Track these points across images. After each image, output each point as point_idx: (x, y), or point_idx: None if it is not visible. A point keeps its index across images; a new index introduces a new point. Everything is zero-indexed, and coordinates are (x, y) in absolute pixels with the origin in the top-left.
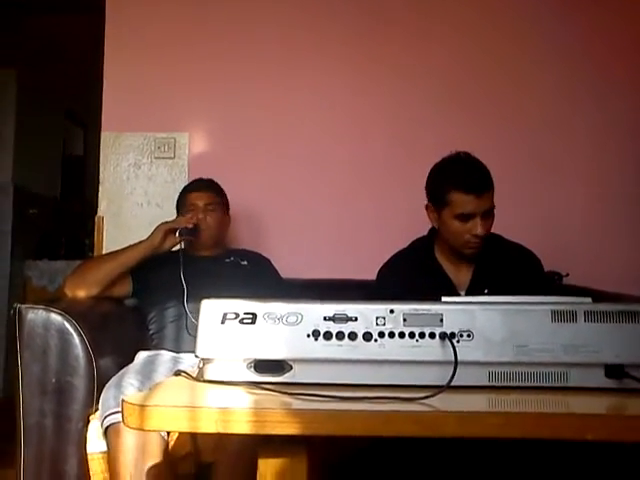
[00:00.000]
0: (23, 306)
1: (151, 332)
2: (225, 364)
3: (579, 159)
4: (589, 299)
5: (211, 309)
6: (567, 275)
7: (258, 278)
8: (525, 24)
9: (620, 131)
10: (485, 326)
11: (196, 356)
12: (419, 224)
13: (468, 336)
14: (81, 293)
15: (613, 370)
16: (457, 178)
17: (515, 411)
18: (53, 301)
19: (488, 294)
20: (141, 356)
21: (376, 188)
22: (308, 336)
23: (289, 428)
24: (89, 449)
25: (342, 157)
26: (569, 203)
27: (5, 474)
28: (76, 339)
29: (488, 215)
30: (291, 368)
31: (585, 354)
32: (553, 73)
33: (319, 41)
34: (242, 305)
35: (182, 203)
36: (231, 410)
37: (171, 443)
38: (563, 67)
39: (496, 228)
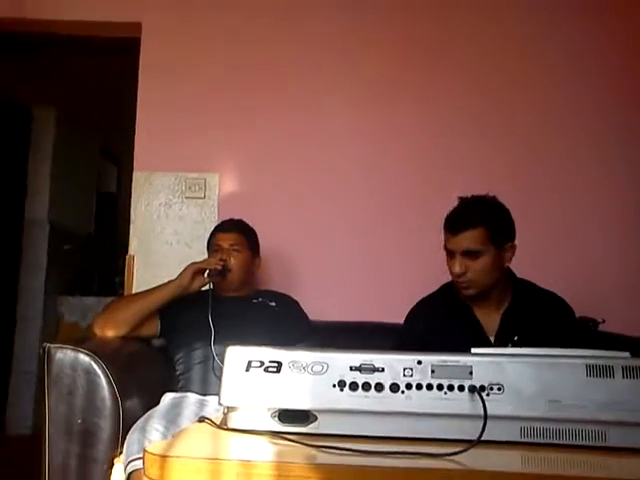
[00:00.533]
0: (52, 345)
1: (178, 373)
2: (249, 413)
3: (615, 200)
4: (627, 353)
5: (236, 356)
6: (603, 321)
7: (286, 320)
8: (548, 51)
9: None
10: (516, 379)
11: (220, 404)
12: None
13: (498, 389)
14: (110, 333)
15: None
16: (448, 215)
17: (550, 473)
18: (82, 341)
19: (517, 341)
20: (167, 398)
21: (407, 229)
22: (334, 386)
23: None
24: None
25: (372, 197)
26: (605, 246)
27: None
28: (103, 380)
29: (471, 256)
30: (316, 419)
31: (623, 412)
32: (577, 105)
33: (344, 80)
34: (267, 353)
35: (210, 243)
36: (253, 463)
37: None
38: (580, 91)
39: (530, 273)
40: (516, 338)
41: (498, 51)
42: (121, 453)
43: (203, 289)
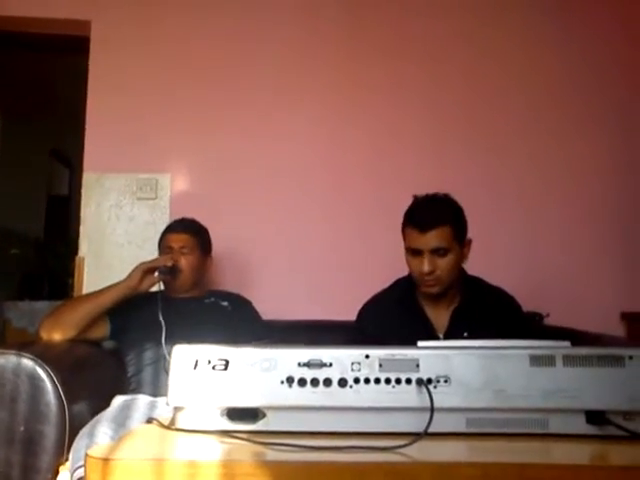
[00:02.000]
0: None
1: (129, 375)
2: (197, 412)
3: (559, 198)
4: (567, 343)
5: (183, 355)
6: (548, 315)
7: (238, 320)
8: (517, 57)
9: (602, 169)
10: (462, 371)
11: (167, 404)
12: (401, 267)
13: (445, 381)
14: (57, 336)
15: (594, 416)
16: (410, 213)
17: (494, 461)
18: (26, 346)
19: (467, 337)
20: (117, 401)
21: (358, 229)
22: (282, 383)
23: None
24: None
25: (323, 198)
26: (550, 242)
27: None
28: (48, 385)
29: (440, 254)
30: (265, 416)
31: (565, 399)
32: (541, 109)
33: (299, 77)
34: (215, 351)
35: (161, 244)
36: (200, 463)
37: None
38: (550, 103)
39: (477, 268)
40: (466, 334)
41: (465, 55)
42: (67, 460)
43: (153, 289)
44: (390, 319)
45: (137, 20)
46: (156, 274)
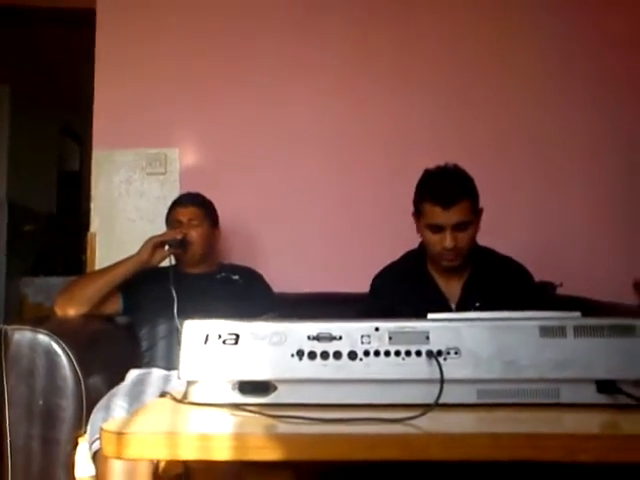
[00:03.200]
0: (9, 327)
1: (142, 349)
2: (209, 386)
3: (575, 167)
4: (578, 313)
5: (194, 330)
6: (561, 285)
7: (250, 293)
8: (529, 33)
9: (618, 138)
10: (472, 343)
11: (179, 378)
12: (409, 235)
13: (455, 353)
14: (71, 311)
15: (605, 386)
16: (428, 188)
17: (504, 432)
18: (41, 321)
19: (479, 307)
20: (132, 375)
21: (368, 200)
22: (292, 356)
23: (271, 454)
24: (77, 473)
25: (334, 170)
26: (563, 211)
27: None
28: (63, 360)
29: (461, 228)
30: (275, 389)
31: (575, 370)
32: (556, 78)
33: (310, 54)
34: (225, 325)
35: (169, 218)
36: (212, 436)
37: (161, 465)
38: (566, 74)
39: (490, 238)
40: (478, 305)
41: (475, 32)
42: (85, 432)
43: (165, 264)
44: (402, 290)
45: None
46: (166, 247)
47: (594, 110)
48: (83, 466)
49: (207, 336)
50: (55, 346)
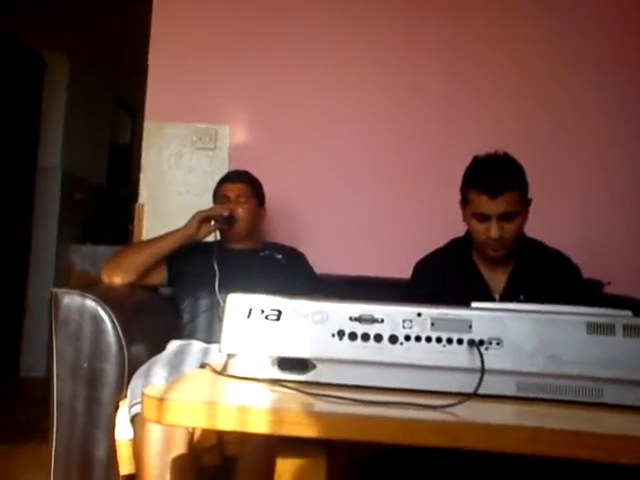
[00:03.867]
0: (59, 290)
1: (184, 321)
2: (249, 360)
3: (626, 161)
4: (629, 312)
5: (237, 304)
6: (609, 284)
7: (292, 273)
8: (546, 34)
9: None
10: (515, 334)
11: (220, 351)
12: (458, 223)
13: (497, 344)
14: (117, 280)
15: None
16: (475, 177)
17: (544, 426)
18: (89, 287)
19: (523, 300)
20: (172, 345)
21: (414, 184)
22: (333, 336)
23: (307, 430)
24: (117, 435)
25: (380, 153)
26: (613, 208)
27: (41, 449)
28: (109, 326)
29: (508, 218)
30: (314, 367)
31: (621, 370)
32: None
33: (358, 44)
34: (268, 301)
35: (217, 194)
36: (249, 408)
37: (196, 435)
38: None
39: (536, 231)
40: (522, 297)
41: (499, 31)
42: (126, 396)
43: (210, 239)
44: (446, 277)
45: None
46: (212, 223)
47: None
48: (123, 428)
49: (250, 310)
50: (101, 312)
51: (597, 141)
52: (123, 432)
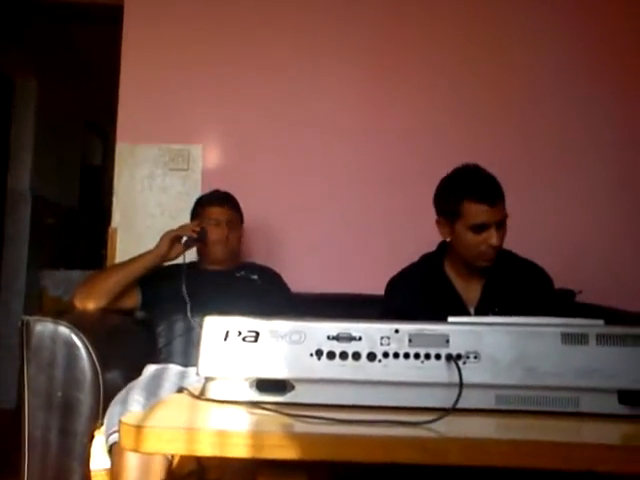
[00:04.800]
0: (31, 318)
1: (160, 345)
2: (227, 383)
3: (597, 167)
4: (601, 321)
5: (214, 326)
6: (580, 292)
7: (268, 293)
8: (543, 42)
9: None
10: (492, 348)
11: (197, 374)
12: (429, 237)
13: (475, 358)
14: (90, 305)
15: (627, 396)
16: (470, 188)
17: (523, 439)
18: (62, 313)
19: (498, 312)
20: (149, 370)
21: (388, 203)
22: (311, 355)
23: (287, 452)
24: (93, 466)
25: (354, 171)
26: (585, 220)
27: None
28: (83, 352)
29: (502, 225)
30: (293, 388)
31: (597, 379)
32: (567, 81)
33: (334, 51)
34: (245, 323)
35: (201, 215)
36: (229, 432)
37: (175, 461)
38: (579, 74)
39: (508, 243)
40: (497, 309)
41: (494, 40)
42: (102, 425)
43: (180, 261)
44: (420, 293)
45: None
46: (183, 241)
47: (620, 115)
48: (98, 459)
49: (227, 332)
50: (75, 339)
51: (571, 153)
52: (99, 462)
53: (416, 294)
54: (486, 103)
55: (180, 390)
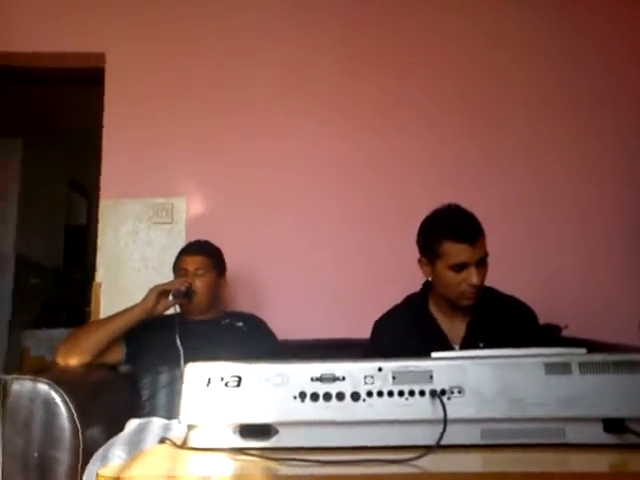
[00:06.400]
0: (9, 377)
1: (144, 399)
2: (210, 430)
3: (576, 207)
4: (583, 350)
5: (196, 373)
6: (566, 327)
7: (254, 340)
8: (516, 71)
9: (619, 176)
10: (476, 381)
11: (179, 422)
12: (414, 279)
13: (459, 392)
14: (73, 361)
15: (612, 424)
16: (449, 228)
17: (510, 471)
18: (41, 371)
19: (483, 348)
20: (131, 425)
21: (371, 247)
22: (295, 398)
23: None
24: None
25: (337, 216)
26: (568, 253)
27: None
28: (62, 409)
29: (482, 263)
30: (277, 432)
31: (582, 408)
32: (539, 116)
33: (310, 98)
34: (227, 368)
35: (176, 266)
36: (212, 479)
37: None
38: (551, 108)
39: (493, 281)
40: (481, 345)
41: (464, 73)
42: None
43: (169, 312)
44: (404, 334)
45: (150, 50)
46: (171, 297)
47: (592, 151)
48: None
49: (209, 379)
50: (54, 395)
51: (549, 192)
52: None
53: (402, 334)
54: (470, 148)
55: (162, 441)
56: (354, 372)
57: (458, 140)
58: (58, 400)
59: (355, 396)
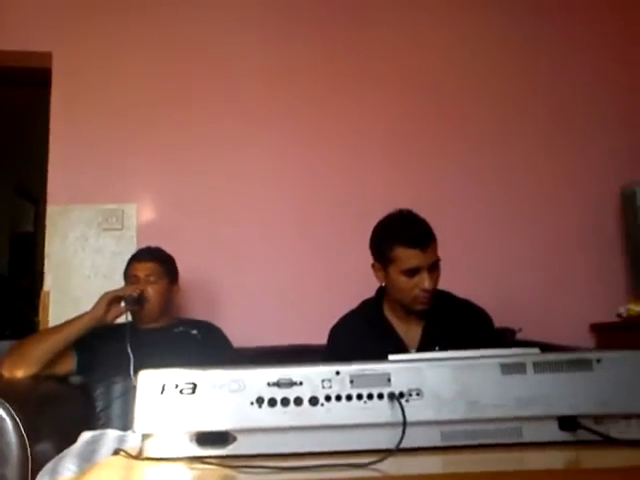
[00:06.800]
0: None
1: (98, 410)
2: (166, 439)
3: (527, 213)
4: (537, 349)
5: (149, 381)
6: (520, 330)
7: (208, 348)
8: (490, 81)
9: (572, 186)
10: (434, 384)
11: (133, 431)
12: (369, 284)
13: (417, 395)
14: (19, 373)
15: (567, 422)
16: (400, 234)
17: (467, 471)
18: None
19: (439, 351)
20: (84, 437)
21: (325, 251)
22: (252, 404)
23: None
24: None
25: (290, 222)
26: (518, 257)
27: None
28: (9, 424)
29: (434, 268)
30: (235, 439)
31: (537, 407)
32: (506, 124)
33: (264, 99)
34: (182, 374)
35: (127, 273)
36: None
37: None
38: (517, 118)
39: (448, 285)
40: (437, 348)
41: (431, 77)
42: None
43: (120, 321)
44: (361, 339)
45: (98, 51)
46: (122, 304)
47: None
48: None
49: (163, 386)
50: (0, 410)
51: (500, 198)
52: None
53: (358, 339)
54: (426, 151)
55: (116, 452)
56: (311, 376)
57: (425, 148)
58: (3, 414)
59: (313, 401)
